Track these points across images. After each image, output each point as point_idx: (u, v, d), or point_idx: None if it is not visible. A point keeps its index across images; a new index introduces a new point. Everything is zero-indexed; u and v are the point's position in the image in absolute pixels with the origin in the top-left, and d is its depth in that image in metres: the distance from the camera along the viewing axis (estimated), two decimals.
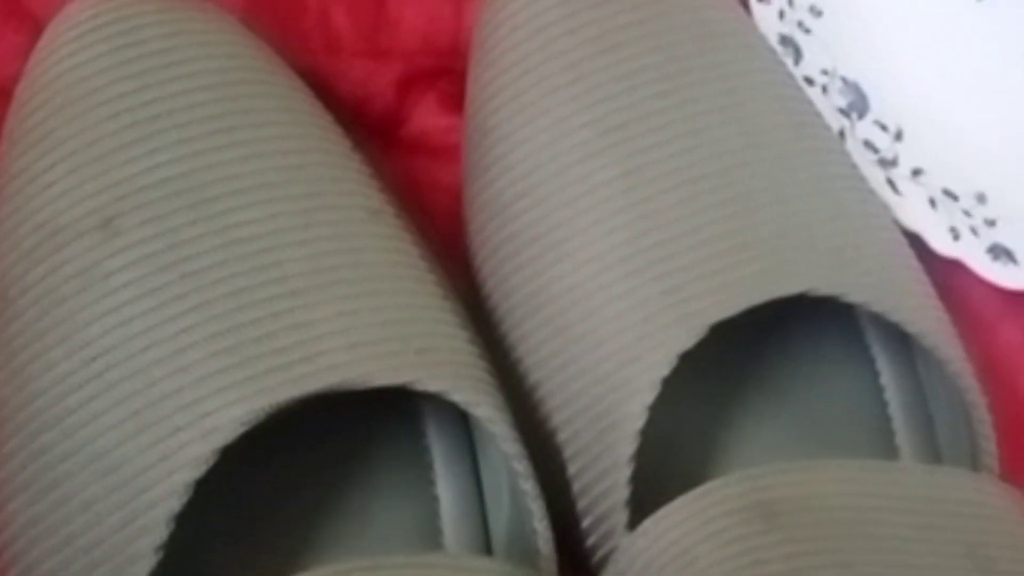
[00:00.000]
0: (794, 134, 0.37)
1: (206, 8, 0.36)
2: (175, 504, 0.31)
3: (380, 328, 0.33)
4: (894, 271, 0.37)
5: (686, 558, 0.32)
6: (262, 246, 0.33)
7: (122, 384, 0.32)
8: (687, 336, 0.34)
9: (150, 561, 0.31)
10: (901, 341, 0.39)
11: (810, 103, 0.39)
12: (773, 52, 0.39)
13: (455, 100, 0.39)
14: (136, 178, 0.33)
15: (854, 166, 0.39)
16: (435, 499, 0.36)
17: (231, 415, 0.31)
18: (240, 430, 0.31)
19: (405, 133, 0.40)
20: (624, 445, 0.34)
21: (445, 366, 0.33)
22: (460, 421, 0.36)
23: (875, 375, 0.40)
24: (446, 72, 0.39)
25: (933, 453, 0.39)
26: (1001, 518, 0.35)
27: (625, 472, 0.34)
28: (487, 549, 0.36)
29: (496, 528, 0.36)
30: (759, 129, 0.37)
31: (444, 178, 0.39)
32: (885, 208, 0.39)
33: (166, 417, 0.31)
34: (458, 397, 0.33)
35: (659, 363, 0.34)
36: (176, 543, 0.31)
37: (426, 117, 0.40)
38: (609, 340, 0.35)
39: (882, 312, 0.36)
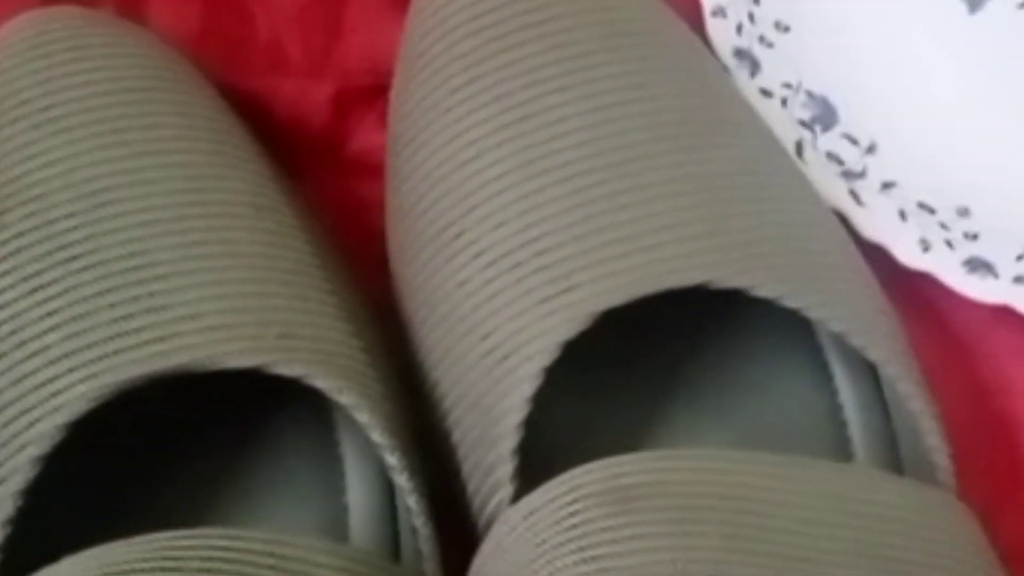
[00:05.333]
0: (710, 129, 0.36)
1: (120, 24, 0.38)
2: (22, 479, 0.32)
3: (241, 313, 0.33)
4: (821, 268, 0.35)
5: (536, 540, 0.31)
6: (133, 235, 0.34)
7: None
8: (569, 326, 0.33)
9: None
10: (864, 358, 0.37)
11: (739, 102, 0.38)
12: (698, 52, 0.38)
13: None
14: (26, 176, 0.35)
15: (789, 167, 0.37)
16: (344, 508, 0.36)
17: (78, 392, 0.32)
18: (86, 406, 0.32)
19: (347, 153, 0.41)
20: (506, 440, 0.33)
21: (308, 352, 0.33)
22: None
23: (833, 392, 0.38)
24: (387, 91, 0.39)
25: (895, 470, 0.37)
26: (915, 523, 0.32)
27: (508, 467, 0.33)
28: (395, 549, 0.35)
29: (404, 531, 0.35)
30: (669, 122, 0.35)
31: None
32: (825, 211, 0.38)
33: (22, 396, 0.32)
34: (320, 383, 0.33)
35: (540, 353, 0.33)
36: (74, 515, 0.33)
37: (367, 136, 0.40)
38: (495, 332, 0.34)
39: (798, 308, 0.34)
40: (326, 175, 0.40)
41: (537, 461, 0.34)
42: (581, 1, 0.37)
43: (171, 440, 0.36)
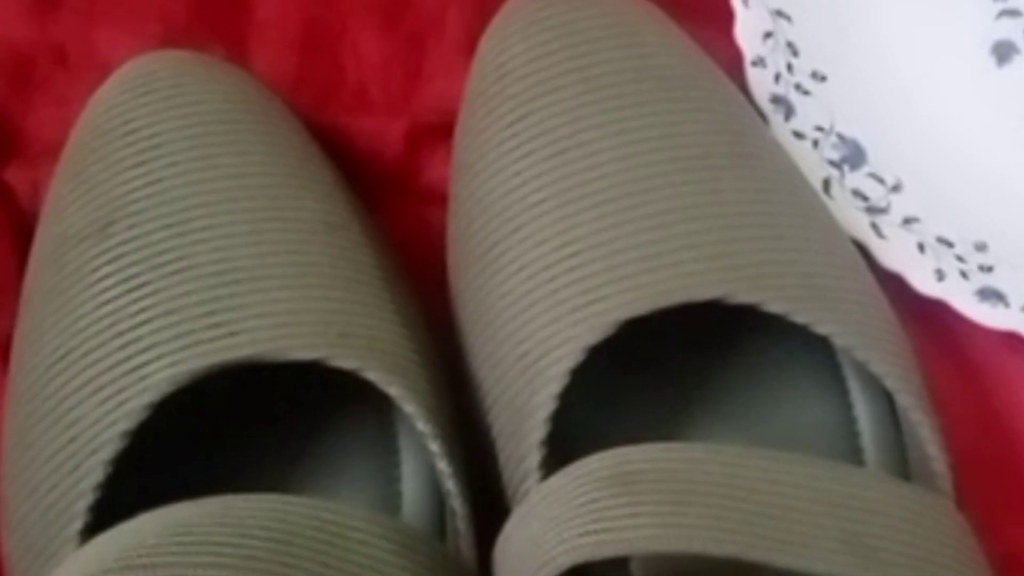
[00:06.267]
0: (731, 163, 0.40)
1: (219, 65, 0.43)
2: (111, 450, 0.37)
3: (307, 314, 0.38)
4: (831, 289, 0.39)
5: (549, 516, 0.35)
6: (218, 245, 0.39)
7: (91, 354, 0.38)
8: (594, 332, 0.38)
9: (89, 498, 0.37)
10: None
11: (765, 141, 0.42)
12: (729, 96, 0.42)
13: None
14: (132, 193, 0.40)
15: (809, 199, 0.41)
16: (399, 494, 0.40)
17: (161, 376, 0.37)
18: (169, 389, 0.37)
19: (418, 183, 0.46)
20: (535, 432, 0.38)
21: (363, 348, 0.38)
22: None
23: (849, 406, 0.41)
24: (454, 129, 0.44)
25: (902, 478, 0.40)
26: (901, 519, 0.36)
27: (536, 457, 0.38)
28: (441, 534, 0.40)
29: (448, 516, 0.40)
30: (693, 156, 0.40)
31: None
32: (842, 239, 0.41)
33: (116, 380, 0.37)
34: (372, 375, 0.38)
35: (567, 356, 0.38)
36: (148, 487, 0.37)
37: (436, 168, 0.45)
38: (529, 338, 0.38)
39: (807, 323, 0.38)
40: (399, 202, 0.45)
41: (566, 457, 0.38)
42: (619, 50, 0.41)
43: (251, 432, 0.41)
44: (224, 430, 0.41)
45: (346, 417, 0.41)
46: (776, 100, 0.44)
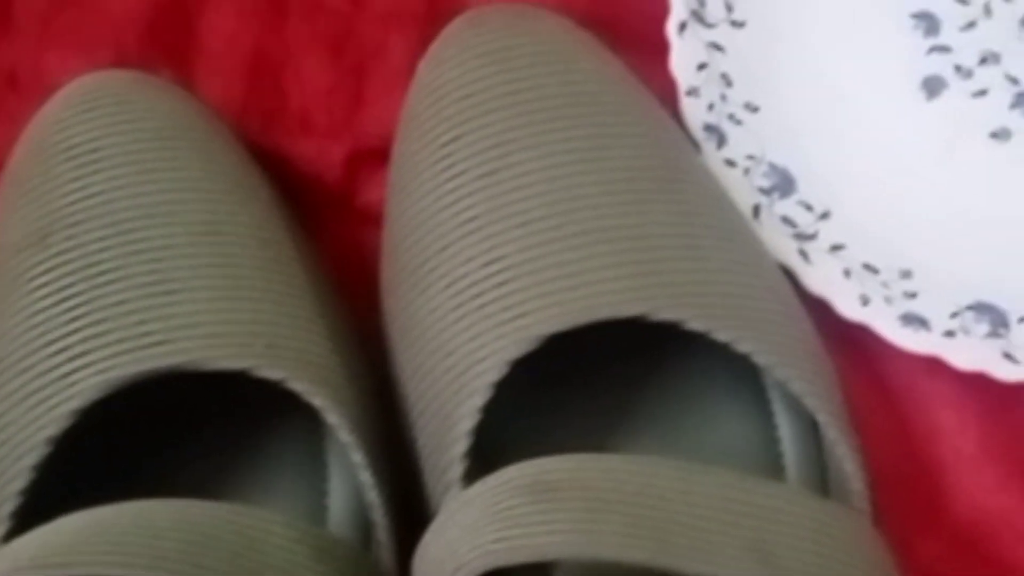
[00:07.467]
0: (657, 187, 0.41)
1: (163, 85, 0.44)
2: (37, 456, 0.38)
3: (236, 325, 0.39)
4: (753, 310, 0.40)
5: (466, 522, 0.36)
6: (153, 257, 0.40)
7: (22, 361, 0.39)
8: (518, 346, 0.39)
9: (12, 503, 0.37)
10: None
11: (694, 167, 0.43)
12: (660, 123, 0.43)
13: None
14: (71, 206, 0.41)
15: (735, 224, 0.42)
16: (325, 508, 0.41)
17: (89, 383, 0.38)
18: (96, 395, 0.38)
19: (356, 204, 0.47)
20: (458, 444, 0.38)
21: (289, 360, 0.39)
22: None
23: (774, 427, 0.42)
24: None
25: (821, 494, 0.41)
26: (808, 529, 0.37)
27: (458, 469, 0.38)
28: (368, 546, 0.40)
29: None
30: (620, 179, 0.41)
31: None
32: (768, 263, 0.42)
33: (45, 386, 0.38)
34: (297, 386, 0.38)
35: (491, 369, 0.39)
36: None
37: (374, 190, 0.46)
38: (456, 351, 0.39)
39: (728, 341, 0.39)
40: (338, 222, 0.46)
41: (491, 471, 0.38)
42: (551, 76, 0.42)
43: (182, 443, 0.42)
44: (155, 441, 0.41)
45: (276, 430, 0.42)
46: (709, 129, 0.45)
